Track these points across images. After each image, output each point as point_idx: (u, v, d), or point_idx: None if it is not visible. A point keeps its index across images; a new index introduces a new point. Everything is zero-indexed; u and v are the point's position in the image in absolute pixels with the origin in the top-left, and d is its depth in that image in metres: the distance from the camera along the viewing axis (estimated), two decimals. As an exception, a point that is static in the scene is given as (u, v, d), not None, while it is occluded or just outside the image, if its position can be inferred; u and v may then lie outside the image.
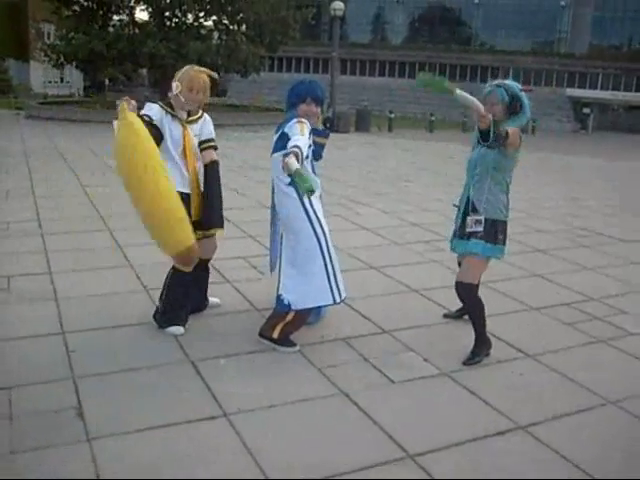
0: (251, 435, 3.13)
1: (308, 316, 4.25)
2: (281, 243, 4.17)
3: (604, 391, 3.76)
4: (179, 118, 4.17)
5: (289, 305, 4.05)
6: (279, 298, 4.09)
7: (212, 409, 3.36)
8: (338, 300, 4.14)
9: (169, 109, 4.14)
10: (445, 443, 3.15)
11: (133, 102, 3.83)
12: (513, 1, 56.17)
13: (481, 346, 4.14)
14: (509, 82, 4.03)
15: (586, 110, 51.09)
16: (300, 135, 3.84)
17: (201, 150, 4.29)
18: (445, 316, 4.87)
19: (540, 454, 3.12)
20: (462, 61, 54.12)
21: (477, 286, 4.14)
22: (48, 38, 41.33)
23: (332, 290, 4.08)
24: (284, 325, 4.12)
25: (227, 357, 3.99)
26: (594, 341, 4.56)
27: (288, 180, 3.90)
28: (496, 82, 4.05)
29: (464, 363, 4.05)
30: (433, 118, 31.73)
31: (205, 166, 4.30)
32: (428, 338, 4.46)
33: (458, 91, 3.68)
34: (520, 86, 4.05)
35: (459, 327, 4.69)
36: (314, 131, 4.28)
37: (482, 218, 4.04)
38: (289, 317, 4.10)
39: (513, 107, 3.96)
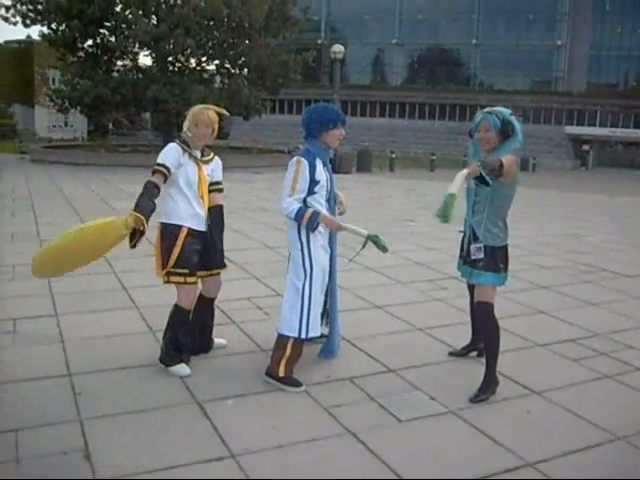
0: (259, 476, 3.12)
1: (301, 346, 4.23)
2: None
3: (612, 427, 3.74)
4: (194, 157, 4.25)
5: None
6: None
7: (219, 450, 3.35)
8: (303, 336, 4.15)
9: (186, 147, 4.24)
10: (454, 482, 3.14)
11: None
12: (510, 41, 57.14)
13: (489, 382, 4.13)
14: (499, 108, 4.13)
15: (585, 147, 51.61)
16: (290, 190, 4.03)
17: (209, 192, 4.37)
18: (450, 354, 4.87)
19: (550, 492, 3.10)
20: (461, 101, 54.81)
21: (492, 306, 4.17)
22: (53, 83, 42.16)
23: (301, 324, 4.12)
24: (286, 361, 4.14)
25: (234, 398, 3.98)
26: (601, 377, 4.55)
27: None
28: (486, 110, 4.14)
29: (471, 400, 4.03)
30: (434, 157, 32.03)
31: (209, 208, 4.37)
32: (434, 376, 4.45)
33: (455, 191, 3.87)
34: (510, 111, 4.15)
35: (465, 365, 4.68)
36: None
37: (482, 245, 4.14)
38: (288, 351, 4.14)
39: (505, 131, 4.04)
